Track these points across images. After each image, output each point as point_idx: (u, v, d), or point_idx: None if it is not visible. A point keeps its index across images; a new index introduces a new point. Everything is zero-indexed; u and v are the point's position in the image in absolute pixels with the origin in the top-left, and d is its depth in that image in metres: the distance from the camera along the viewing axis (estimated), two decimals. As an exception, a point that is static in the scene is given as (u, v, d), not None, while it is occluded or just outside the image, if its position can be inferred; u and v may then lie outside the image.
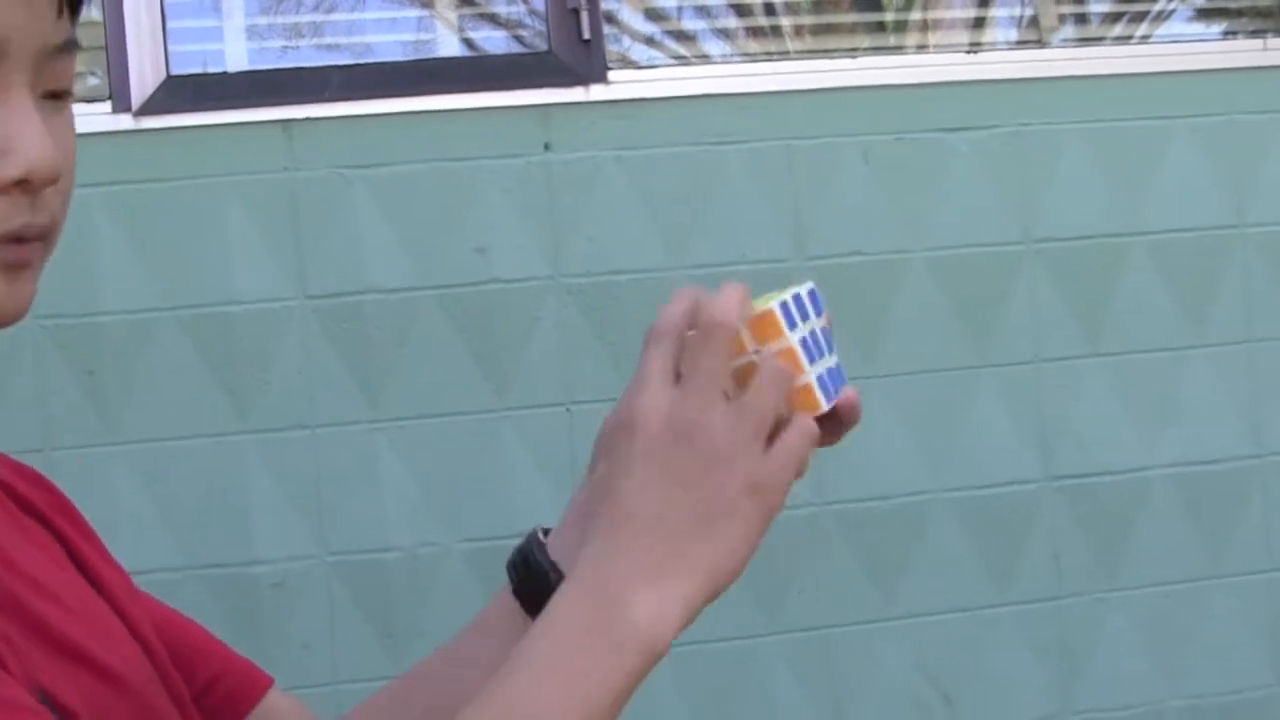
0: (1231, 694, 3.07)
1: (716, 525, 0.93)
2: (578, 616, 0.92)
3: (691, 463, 0.94)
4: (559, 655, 0.92)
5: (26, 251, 0.90)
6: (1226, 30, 3.42)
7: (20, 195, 0.88)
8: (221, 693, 1.17)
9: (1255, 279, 3.10)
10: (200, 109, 2.78)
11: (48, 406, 2.63)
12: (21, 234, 0.89)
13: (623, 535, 0.93)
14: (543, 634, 0.93)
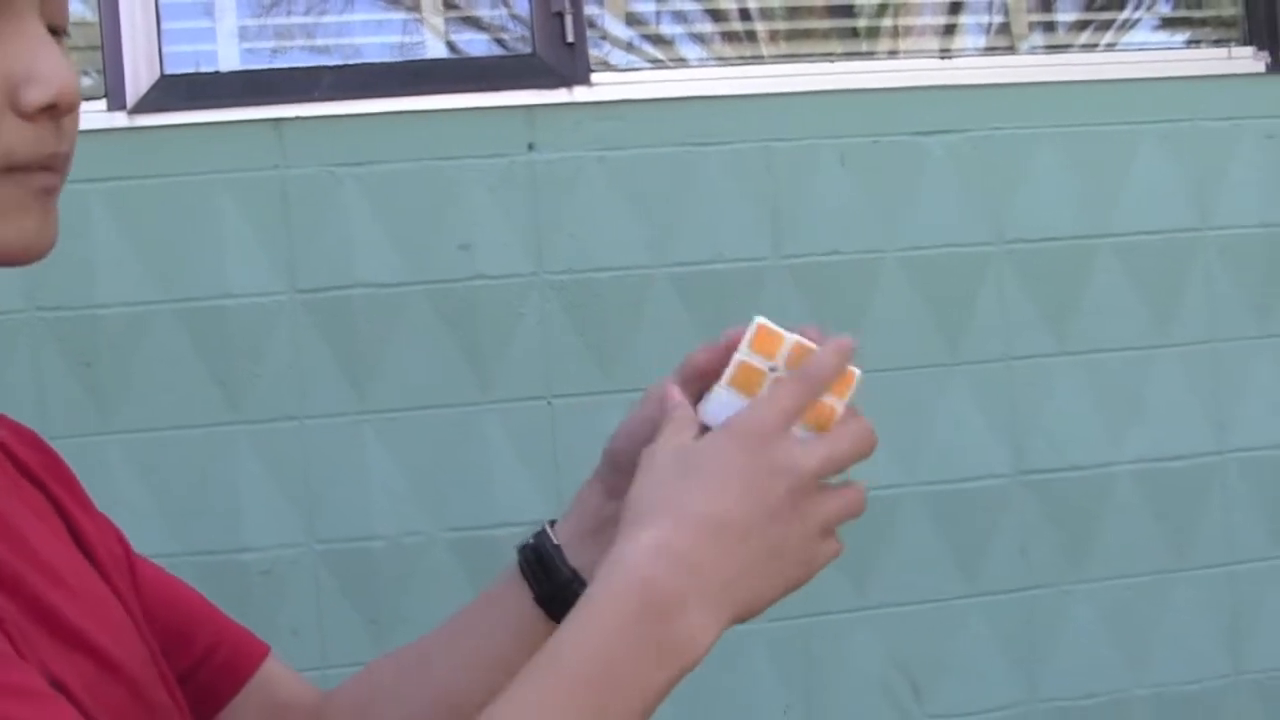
0: (1192, 683, 3.08)
1: (776, 565, 0.95)
2: (629, 616, 0.91)
3: (785, 499, 0.95)
4: (603, 654, 0.91)
5: (56, 180, 0.91)
6: (1191, 39, 3.41)
7: (46, 121, 0.89)
8: (219, 661, 1.17)
9: (1219, 280, 3.11)
10: (194, 108, 2.78)
11: (45, 396, 2.63)
12: (52, 162, 0.90)
13: (703, 540, 0.93)
14: (587, 629, 0.91)
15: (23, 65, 0.87)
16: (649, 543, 0.92)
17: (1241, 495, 3.11)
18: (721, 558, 0.93)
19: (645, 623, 0.91)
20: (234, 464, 2.74)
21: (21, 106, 0.87)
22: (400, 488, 2.78)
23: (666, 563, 0.92)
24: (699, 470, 0.96)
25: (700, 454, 0.97)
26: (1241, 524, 3.11)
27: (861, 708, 2.96)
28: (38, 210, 0.90)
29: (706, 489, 0.95)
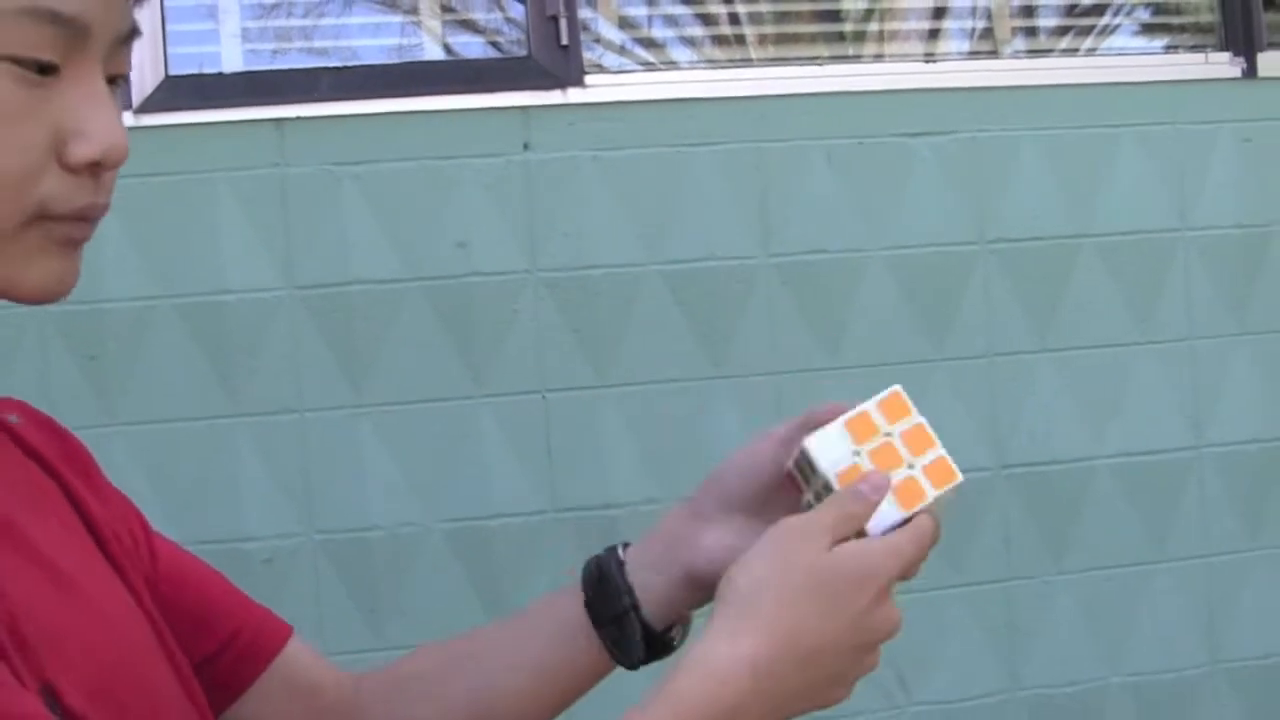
0: (1170, 672, 3.09)
1: (828, 690, 1.00)
2: None
3: (868, 644, 1.00)
4: None
5: (87, 229, 0.91)
6: (1169, 44, 3.41)
7: (88, 176, 0.89)
8: (242, 644, 1.16)
9: (1197, 279, 3.11)
10: (197, 108, 2.78)
11: (51, 389, 2.62)
12: (86, 213, 0.90)
13: (793, 666, 0.95)
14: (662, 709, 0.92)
15: (76, 119, 0.88)
16: (747, 658, 0.94)
17: (1217, 489, 3.12)
18: (798, 681, 0.96)
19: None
20: (234, 456, 2.74)
21: (67, 159, 0.88)
22: (397, 479, 2.78)
23: (751, 683, 0.93)
24: (818, 595, 0.97)
25: (829, 581, 0.98)
26: (1217, 517, 3.12)
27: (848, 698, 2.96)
28: (60, 256, 0.90)
29: (818, 618, 0.97)
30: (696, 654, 0.94)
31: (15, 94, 0.85)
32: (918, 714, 2.99)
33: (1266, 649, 3.15)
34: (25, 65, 0.85)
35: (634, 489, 2.83)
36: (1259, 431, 3.15)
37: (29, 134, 0.86)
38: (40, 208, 0.87)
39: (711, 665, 0.94)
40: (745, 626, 0.95)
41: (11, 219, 0.86)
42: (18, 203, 0.86)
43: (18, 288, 0.89)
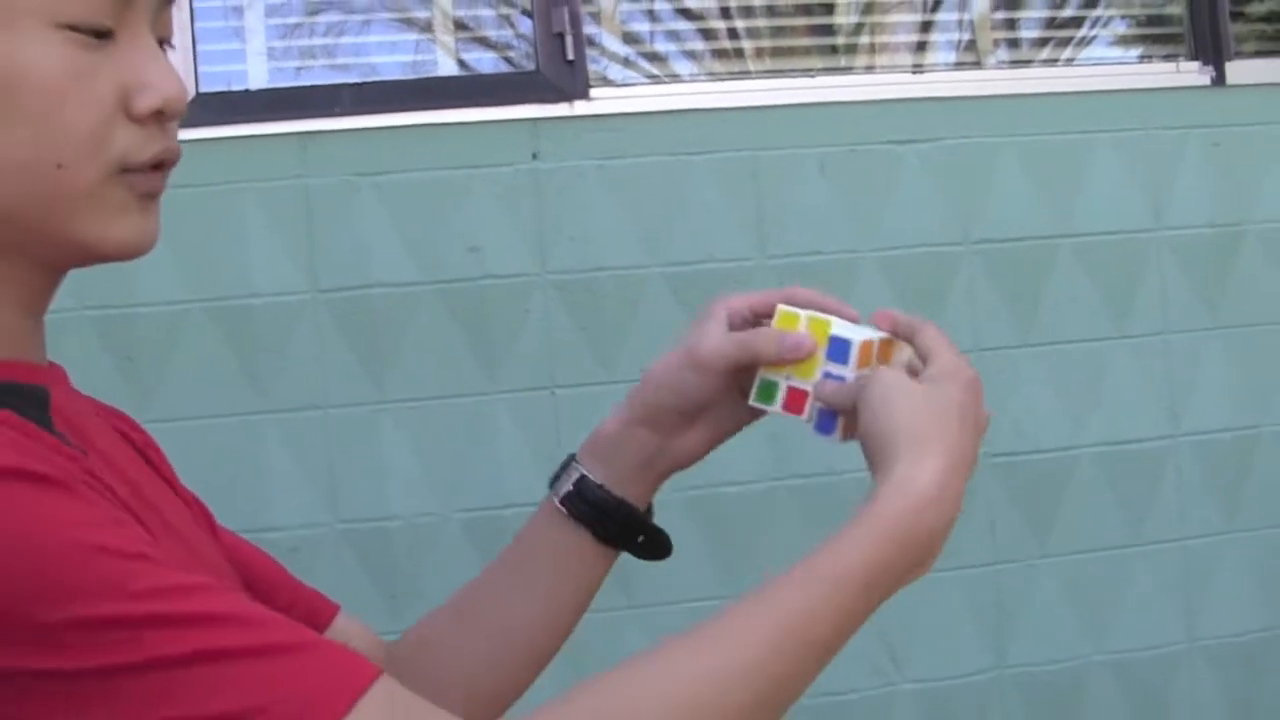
0: (1149, 650, 3.09)
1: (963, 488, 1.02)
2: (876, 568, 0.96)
3: (979, 434, 1.04)
4: (872, 566, 0.96)
5: (161, 181, 0.96)
6: (1143, 54, 3.41)
7: (154, 125, 0.93)
8: (297, 616, 1.13)
9: (1171, 277, 3.12)
10: (225, 123, 2.78)
11: (90, 388, 2.56)
12: (162, 159, 0.94)
13: (959, 479, 0.99)
14: (864, 546, 0.96)
15: (136, 74, 0.91)
16: (936, 470, 0.98)
17: (1193, 476, 3.12)
18: (959, 486, 1.00)
19: (894, 573, 0.97)
20: (262, 450, 2.76)
21: (133, 111, 0.91)
22: (415, 472, 2.80)
23: (948, 497, 0.98)
24: (957, 412, 1.02)
25: (956, 399, 1.02)
26: (1193, 502, 3.12)
27: (843, 674, 2.90)
28: (140, 211, 0.94)
29: (961, 431, 1.01)
30: (896, 480, 0.97)
31: (79, 57, 0.88)
32: (909, 691, 2.99)
33: (1241, 627, 3.14)
34: (84, 31, 0.88)
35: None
36: (1232, 420, 3.15)
37: (96, 91, 0.89)
38: (121, 161, 0.91)
39: (908, 488, 0.97)
40: (926, 451, 0.98)
41: (95, 173, 0.90)
42: (98, 157, 0.90)
43: (103, 244, 0.92)
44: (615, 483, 1.19)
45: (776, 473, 2.90)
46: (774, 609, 0.92)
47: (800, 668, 0.91)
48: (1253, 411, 3.17)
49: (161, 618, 0.76)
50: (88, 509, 0.79)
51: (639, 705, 0.85)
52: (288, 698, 0.76)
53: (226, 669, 0.76)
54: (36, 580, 0.75)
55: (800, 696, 0.91)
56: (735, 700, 0.87)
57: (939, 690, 3.01)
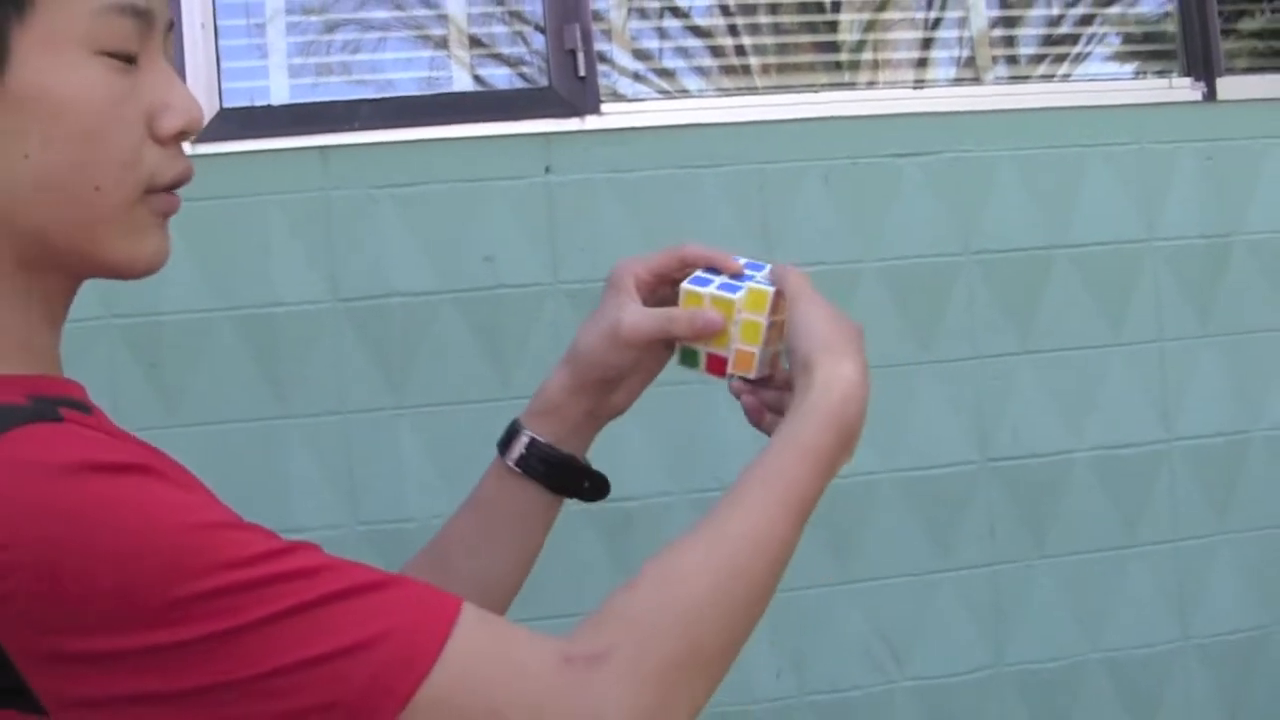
0: (1143, 648, 3.10)
1: None
2: (838, 426, 1.08)
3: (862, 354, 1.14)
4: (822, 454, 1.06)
5: (177, 202, 0.99)
6: (1137, 70, 3.42)
7: (174, 146, 0.96)
8: None
9: (1164, 286, 3.12)
10: (249, 137, 2.81)
11: (117, 394, 2.64)
12: (182, 179, 0.98)
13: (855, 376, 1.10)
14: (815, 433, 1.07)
15: (159, 97, 0.95)
16: (853, 371, 1.10)
17: (1186, 479, 3.12)
18: (867, 397, 1.12)
19: (837, 440, 1.08)
20: (284, 454, 2.77)
21: (159, 133, 0.94)
22: (432, 475, 2.80)
23: (863, 389, 1.10)
24: (852, 330, 1.14)
25: (844, 317, 1.15)
26: (1186, 505, 3.12)
27: (846, 671, 2.96)
28: (161, 230, 0.98)
29: (860, 340, 1.14)
30: (822, 380, 1.10)
31: (116, 82, 0.92)
32: (910, 688, 2.99)
33: (1233, 626, 3.14)
34: (117, 57, 0.92)
35: (648, 483, 2.85)
36: (1224, 425, 3.15)
37: (129, 114, 0.92)
38: (149, 181, 0.94)
39: (834, 385, 1.09)
40: (841, 351, 1.11)
41: (127, 195, 0.93)
42: (133, 176, 0.93)
43: (135, 262, 0.96)
44: (560, 441, 1.29)
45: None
46: (770, 487, 1.03)
47: (795, 530, 1.04)
48: (1244, 416, 3.17)
49: (278, 575, 0.82)
50: (185, 493, 0.85)
51: (692, 572, 0.96)
52: (399, 624, 0.84)
53: (346, 607, 0.83)
54: (161, 562, 0.80)
55: (791, 557, 1.04)
56: (760, 561, 0.99)
57: (938, 688, 3.02)
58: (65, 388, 0.97)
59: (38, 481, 0.80)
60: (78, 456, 0.82)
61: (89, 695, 0.80)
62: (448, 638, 0.85)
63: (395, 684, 0.83)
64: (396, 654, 0.83)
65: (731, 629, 0.97)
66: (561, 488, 1.31)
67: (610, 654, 0.89)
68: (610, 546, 2.79)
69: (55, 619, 0.79)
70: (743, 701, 2.90)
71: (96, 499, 0.80)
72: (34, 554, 0.78)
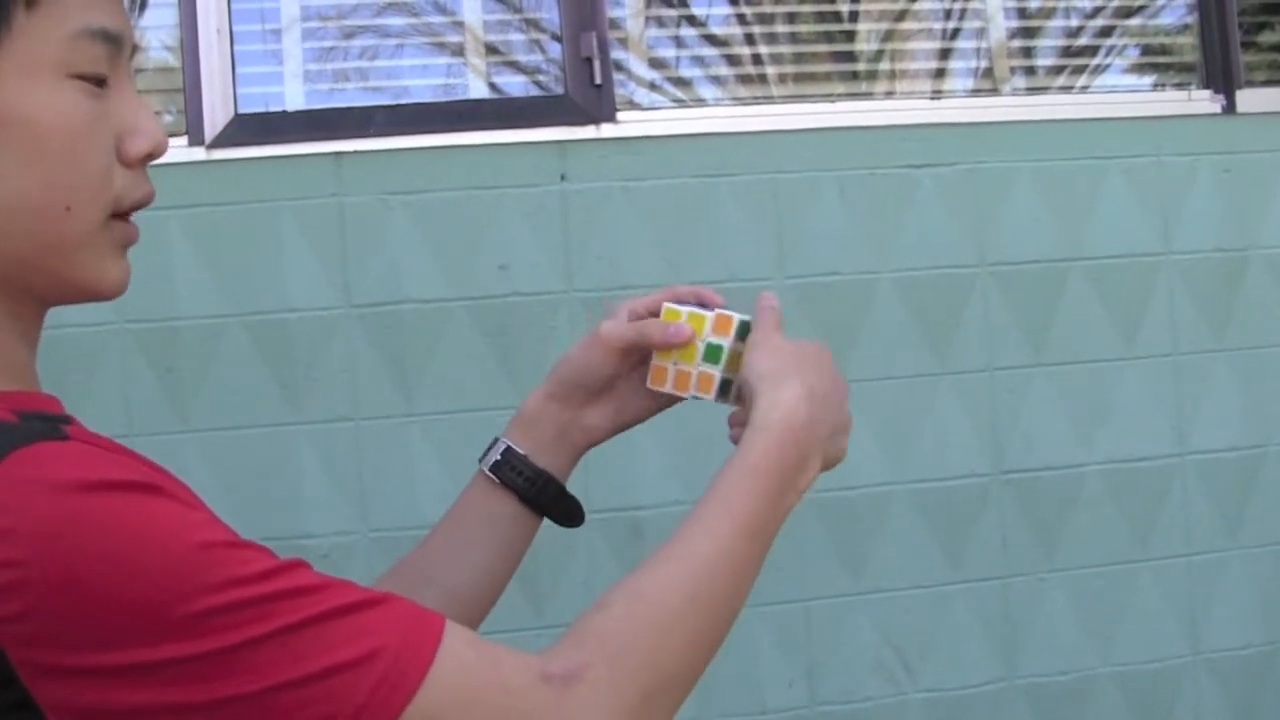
0: (1154, 662, 3.09)
1: (836, 438, 1.17)
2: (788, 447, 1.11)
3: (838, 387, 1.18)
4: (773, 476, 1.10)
5: (136, 231, 0.99)
6: (1156, 82, 3.41)
7: (139, 168, 0.97)
8: None
9: (1179, 300, 3.11)
10: (263, 143, 2.82)
11: (130, 399, 2.65)
12: (144, 202, 0.98)
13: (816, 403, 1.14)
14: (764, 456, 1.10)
15: (128, 120, 0.96)
16: (794, 394, 1.13)
17: (1199, 493, 3.12)
18: (823, 418, 1.14)
19: (788, 461, 1.11)
20: (296, 460, 2.76)
21: (127, 155, 0.96)
22: (444, 482, 2.78)
23: (805, 410, 1.13)
24: (804, 358, 1.17)
25: (801, 347, 1.18)
26: (1198, 519, 3.11)
27: (858, 682, 2.96)
28: (123, 256, 0.98)
29: (814, 369, 1.16)
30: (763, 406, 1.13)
31: (89, 105, 0.93)
32: (920, 700, 2.99)
33: (1243, 640, 3.14)
34: (89, 80, 0.93)
35: (659, 492, 2.84)
36: (1237, 440, 3.15)
37: (101, 136, 0.94)
38: (115, 203, 0.95)
39: (774, 409, 1.12)
40: (782, 381, 1.14)
41: (96, 216, 0.94)
42: (103, 198, 0.94)
43: (101, 284, 0.97)
44: (535, 453, 1.32)
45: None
46: (725, 509, 1.06)
47: (752, 549, 1.06)
48: (1258, 431, 3.16)
49: (279, 593, 0.84)
50: (191, 511, 0.86)
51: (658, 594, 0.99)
52: (389, 642, 0.86)
53: (343, 624, 0.85)
54: (167, 579, 0.81)
55: (757, 576, 1.07)
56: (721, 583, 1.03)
57: (949, 699, 3.00)
58: (45, 403, 0.97)
59: (47, 500, 0.81)
60: (86, 475, 0.83)
61: (92, 708, 0.82)
62: (435, 655, 0.87)
63: (388, 700, 0.85)
64: (391, 670, 0.85)
65: (697, 647, 1.00)
66: (534, 501, 1.32)
67: (585, 672, 0.92)
68: (621, 556, 2.78)
69: (63, 634, 0.80)
70: (755, 711, 2.91)
71: (105, 517, 0.81)
72: (44, 571, 0.79)
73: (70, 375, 2.60)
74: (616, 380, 1.32)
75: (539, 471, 1.32)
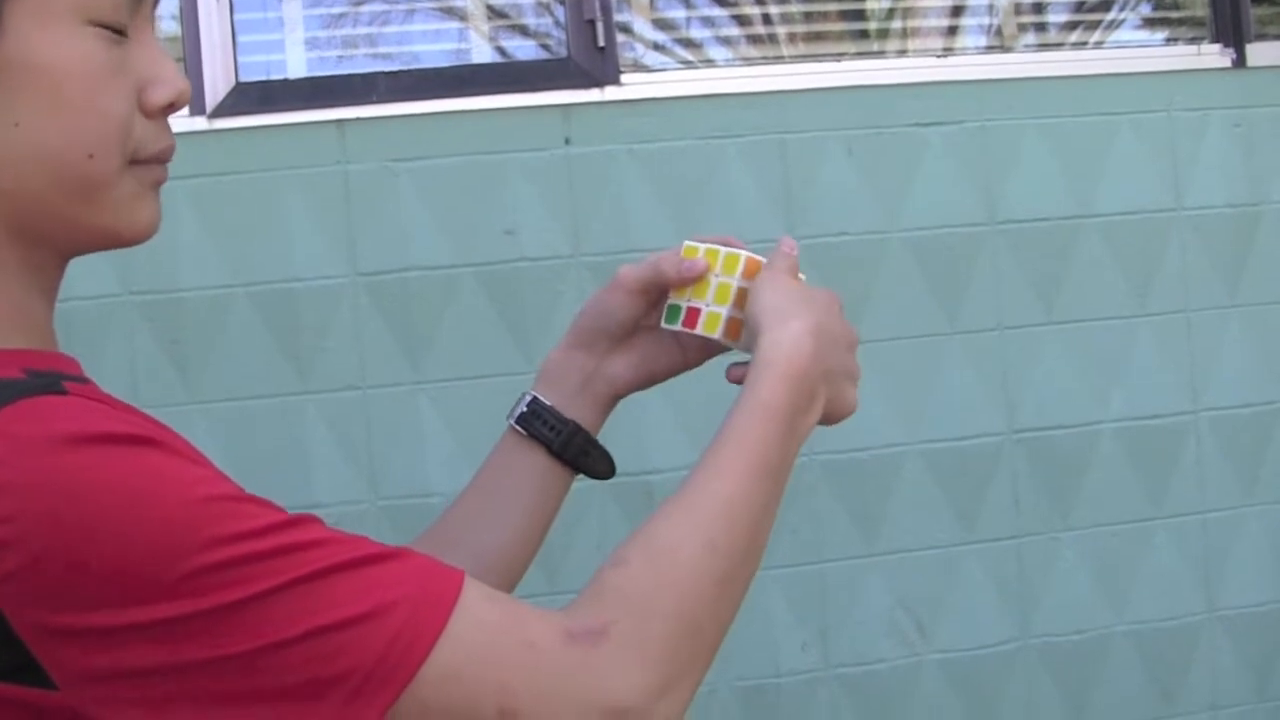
0: (1169, 620, 3.09)
1: (841, 382, 1.15)
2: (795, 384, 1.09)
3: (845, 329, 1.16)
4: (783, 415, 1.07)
5: (165, 171, 0.98)
6: (1167, 37, 3.39)
7: (161, 119, 0.96)
8: None
9: (1191, 256, 3.10)
10: (265, 111, 2.80)
11: (137, 371, 2.65)
12: (166, 154, 0.97)
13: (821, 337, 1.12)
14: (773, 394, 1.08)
15: (149, 69, 0.95)
16: (799, 328, 1.11)
17: (1213, 450, 3.11)
18: (830, 355, 1.12)
19: (797, 399, 1.08)
20: (304, 429, 2.77)
21: (148, 104, 0.95)
22: (453, 450, 2.79)
23: (811, 345, 1.10)
24: (812, 297, 1.15)
25: (810, 290, 1.17)
26: (1213, 476, 3.11)
27: (872, 644, 2.97)
28: (152, 199, 0.97)
29: (822, 309, 1.14)
30: (767, 343, 1.11)
31: (107, 53, 0.92)
32: (936, 660, 3.00)
33: (1259, 598, 3.14)
34: (108, 28, 0.92)
35: (671, 456, 2.84)
36: (1251, 396, 3.14)
37: (122, 85, 0.93)
38: (135, 153, 0.94)
39: (778, 346, 1.10)
40: (788, 315, 1.12)
41: (118, 163, 0.93)
42: (121, 147, 0.93)
43: (131, 228, 0.96)
44: (562, 404, 1.30)
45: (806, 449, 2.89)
46: (736, 449, 1.04)
47: (772, 493, 1.05)
48: (1271, 387, 3.16)
49: (286, 547, 0.83)
50: (192, 466, 0.85)
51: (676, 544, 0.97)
52: (407, 595, 0.85)
53: (354, 578, 0.84)
54: (169, 534, 0.80)
55: (773, 522, 1.05)
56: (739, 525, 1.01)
57: (964, 660, 3.01)
58: (60, 362, 0.96)
59: (42, 454, 0.80)
60: (82, 428, 0.82)
61: (98, 669, 0.81)
62: (453, 610, 0.86)
63: (404, 656, 0.84)
64: (406, 625, 0.84)
65: (720, 594, 0.98)
66: (563, 453, 1.30)
67: (610, 629, 0.91)
68: (633, 520, 2.76)
69: (62, 593, 0.79)
70: (769, 674, 2.92)
71: (101, 471, 0.81)
72: (39, 527, 0.78)
73: (75, 348, 2.55)
74: (639, 328, 1.31)
75: (566, 421, 1.29)
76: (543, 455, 1.29)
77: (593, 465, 1.32)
